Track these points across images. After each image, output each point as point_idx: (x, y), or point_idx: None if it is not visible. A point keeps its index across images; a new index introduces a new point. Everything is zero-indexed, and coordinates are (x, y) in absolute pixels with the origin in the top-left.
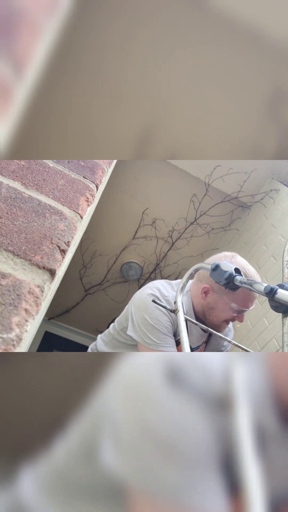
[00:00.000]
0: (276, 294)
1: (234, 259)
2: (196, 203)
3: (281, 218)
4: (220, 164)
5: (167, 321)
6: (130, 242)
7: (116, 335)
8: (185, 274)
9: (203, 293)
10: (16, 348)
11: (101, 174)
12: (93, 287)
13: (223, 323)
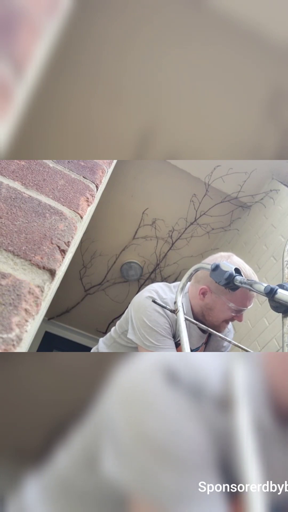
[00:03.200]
0: (276, 294)
1: (231, 259)
2: (196, 203)
3: (281, 218)
4: (220, 164)
5: (165, 323)
6: (130, 242)
7: (118, 338)
8: (185, 275)
9: (201, 294)
10: (16, 348)
11: (101, 174)
12: (93, 287)
13: (223, 323)
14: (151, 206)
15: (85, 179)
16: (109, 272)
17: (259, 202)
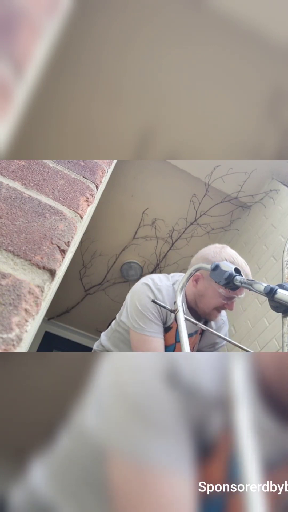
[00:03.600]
0: (276, 294)
1: (224, 250)
2: (196, 203)
3: (281, 218)
4: (220, 164)
5: (154, 308)
6: (130, 242)
7: (117, 327)
8: (185, 275)
9: (194, 281)
10: (16, 348)
11: (101, 174)
12: (93, 287)
13: (214, 311)
14: (151, 206)
15: (85, 179)
16: (109, 272)
17: (259, 202)
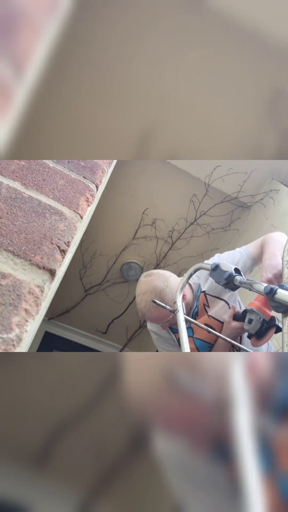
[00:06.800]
0: (276, 294)
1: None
2: (196, 203)
3: (281, 218)
4: (220, 164)
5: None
6: (130, 242)
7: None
8: (185, 275)
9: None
10: (16, 348)
11: (101, 174)
12: (93, 287)
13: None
14: (151, 206)
15: (85, 179)
16: (109, 272)
17: (259, 202)
